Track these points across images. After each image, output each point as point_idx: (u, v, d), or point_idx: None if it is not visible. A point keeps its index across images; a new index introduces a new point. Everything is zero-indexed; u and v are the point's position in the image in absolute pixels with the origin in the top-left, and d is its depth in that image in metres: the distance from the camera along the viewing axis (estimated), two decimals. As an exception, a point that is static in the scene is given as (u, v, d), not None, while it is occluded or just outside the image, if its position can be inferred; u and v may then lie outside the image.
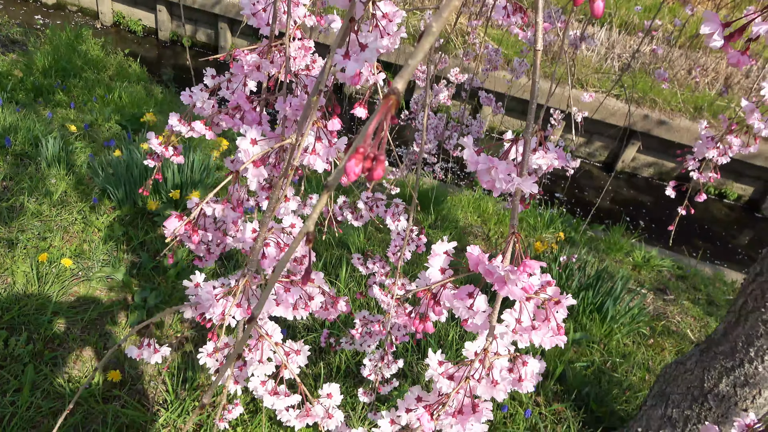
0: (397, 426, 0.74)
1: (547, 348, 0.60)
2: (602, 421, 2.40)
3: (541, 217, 4.53)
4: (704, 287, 4.22)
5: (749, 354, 1.87)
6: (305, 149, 0.73)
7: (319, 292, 0.84)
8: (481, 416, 0.61)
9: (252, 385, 0.83)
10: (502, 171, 0.55)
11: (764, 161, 6.10)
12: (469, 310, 0.58)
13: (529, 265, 0.54)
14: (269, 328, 0.83)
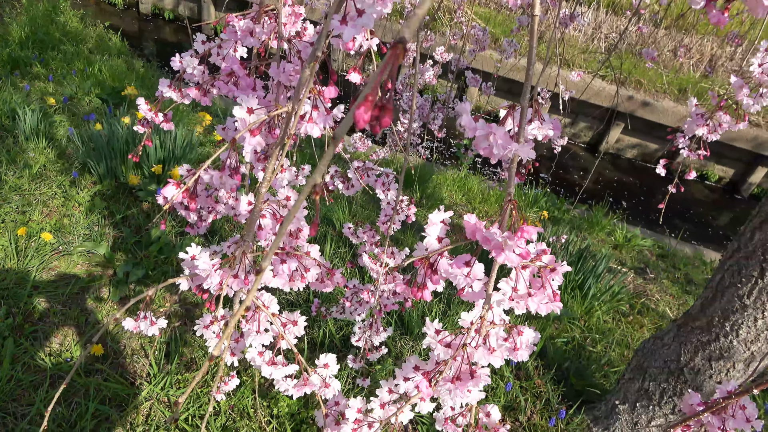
0: (395, 395, 0.75)
1: (543, 314, 0.60)
2: (581, 394, 2.45)
3: (525, 197, 4.56)
4: (684, 266, 4.29)
5: (725, 328, 1.91)
6: (302, 117, 0.72)
7: (314, 264, 0.85)
8: (479, 381, 0.61)
9: (249, 355, 0.83)
10: (500, 137, 0.54)
11: (745, 143, 6.17)
12: (466, 278, 0.59)
13: (526, 231, 0.54)
14: (266, 299, 0.83)
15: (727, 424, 0.67)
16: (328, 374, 0.86)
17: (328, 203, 3.36)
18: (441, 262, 0.59)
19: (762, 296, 1.82)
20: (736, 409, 0.67)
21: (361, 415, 0.75)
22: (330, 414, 0.83)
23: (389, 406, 0.73)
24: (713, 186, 6.89)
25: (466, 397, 0.63)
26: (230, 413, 1.96)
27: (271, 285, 0.78)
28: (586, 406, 2.36)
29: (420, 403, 0.71)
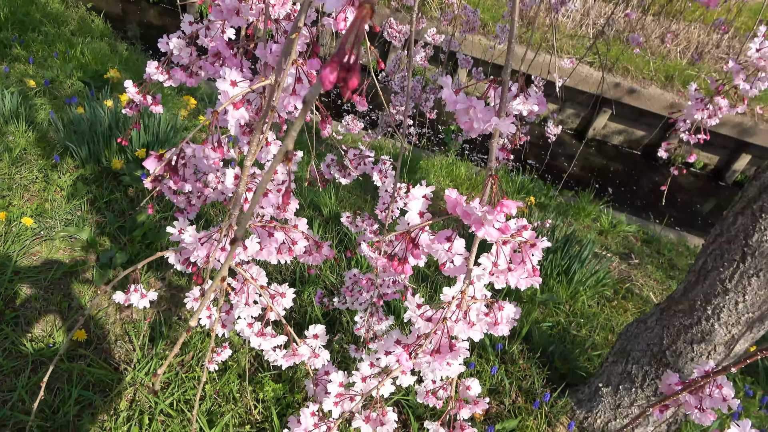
0: (377, 369, 0.75)
1: (523, 288, 0.60)
2: (566, 377, 2.48)
3: (512, 183, 4.57)
4: (668, 252, 4.34)
5: (706, 312, 1.93)
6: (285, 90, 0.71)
7: (302, 237, 0.84)
8: (458, 354, 0.61)
9: (239, 327, 0.84)
10: (480, 111, 0.54)
11: (729, 130, 6.23)
12: (447, 253, 0.58)
13: (506, 205, 0.53)
14: (254, 271, 0.83)
15: (703, 403, 0.67)
16: (318, 345, 0.86)
17: (318, 188, 3.34)
18: (422, 236, 0.59)
19: (743, 280, 1.84)
20: (713, 388, 0.68)
21: (343, 389, 0.75)
22: (320, 383, 0.84)
23: (370, 380, 0.74)
24: (698, 173, 6.96)
25: (446, 370, 0.64)
26: (216, 398, 1.96)
27: (259, 258, 0.78)
28: (570, 389, 2.39)
29: (401, 377, 0.71)
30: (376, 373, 0.75)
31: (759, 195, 1.83)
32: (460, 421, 0.78)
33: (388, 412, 0.76)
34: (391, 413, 0.76)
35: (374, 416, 0.75)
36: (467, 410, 0.77)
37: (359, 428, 0.75)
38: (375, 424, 0.75)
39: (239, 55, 0.77)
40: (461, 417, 0.77)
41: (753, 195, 1.86)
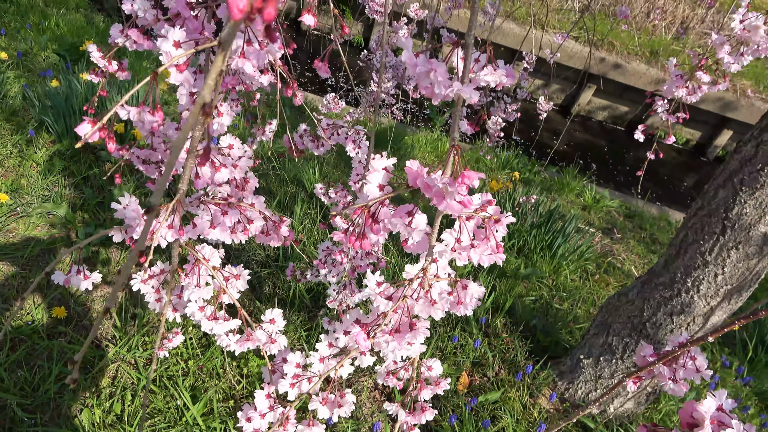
0: (336, 349, 0.74)
1: (486, 266, 0.59)
2: (548, 350, 2.51)
3: (497, 158, 4.56)
4: (649, 227, 4.38)
5: (686, 284, 1.96)
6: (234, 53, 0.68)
7: (258, 216, 0.81)
8: (417, 334, 0.60)
9: (189, 310, 0.80)
10: (441, 74, 0.52)
11: (711, 106, 6.26)
12: (407, 228, 0.57)
13: (467, 176, 0.52)
14: (206, 252, 0.80)
15: (677, 374, 0.68)
16: (275, 330, 0.84)
17: (297, 162, 3.30)
18: (382, 210, 0.57)
19: (723, 252, 1.86)
20: (687, 359, 0.68)
21: (300, 370, 0.74)
22: (277, 370, 0.82)
23: (329, 360, 0.72)
24: (680, 148, 7.01)
25: (407, 350, 0.62)
26: (199, 374, 1.95)
27: (210, 237, 0.75)
28: (552, 361, 2.42)
29: (360, 357, 0.70)
30: (336, 353, 0.73)
31: (740, 168, 1.85)
32: (421, 402, 0.77)
33: (346, 393, 0.74)
34: (349, 395, 0.75)
35: (332, 398, 0.74)
36: (429, 391, 0.76)
37: (315, 410, 0.74)
38: (333, 406, 0.74)
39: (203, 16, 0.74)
40: (422, 398, 0.76)
41: (734, 168, 1.87)
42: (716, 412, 0.53)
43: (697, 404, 0.53)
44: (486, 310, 2.58)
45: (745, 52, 1.34)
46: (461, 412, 2.07)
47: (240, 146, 0.80)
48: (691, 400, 0.54)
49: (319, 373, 0.72)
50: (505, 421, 2.09)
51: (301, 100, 0.99)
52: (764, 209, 1.79)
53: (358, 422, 1.98)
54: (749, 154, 1.83)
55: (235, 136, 0.81)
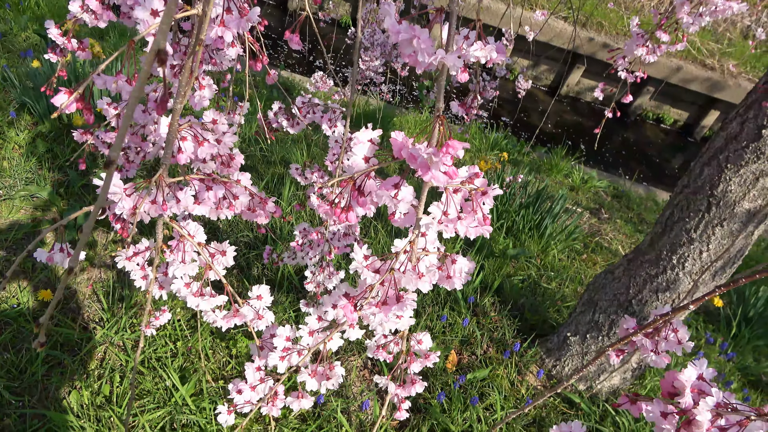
0: (325, 322, 0.74)
1: (472, 237, 0.59)
2: (536, 329, 2.54)
3: (486, 139, 4.56)
4: (637, 207, 4.42)
5: (672, 261, 1.98)
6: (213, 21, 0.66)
7: (244, 192, 0.80)
8: (404, 306, 0.60)
9: (175, 287, 0.79)
10: (424, 41, 0.51)
11: (699, 86, 6.28)
12: (392, 200, 0.56)
13: (452, 146, 0.51)
14: (191, 228, 0.79)
15: (659, 346, 0.68)
16: (262, 306, 0.84)
17: (269, 141, 3.28)
18: (368, 182, 0.56)
19: (708, 230, 1.88)
20: (669, 332, 0.69)
21: (290, 344, 0.74)
22: (265, 346, 0.82)
23: (318, 334, 0.73)
24: (668, 129, 7.04)
25: (396, 323, 0.62)
26: (188, 355, 1.95)
27: (195, 213, 0.74)
28: (540, 339, 2.45)
29: (349, 330, 0.70)
30: (325, 327, 0.73)
31: (725, 145, 1.86)
32: (411, 375, 0.77)
33: (335, 366, 0.75)
34: (338, 368, 0.75)
35: (321, 370, 0.74)
36: (418, 364, 0.76)
37: (304, 382, 0.74)
38: (321, 378, 0.74)
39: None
40: (412, 371, 0.76)
41: (720, 145, 1.88)
42: (697, 381, 0.54)
43: (678, 373, 0.53)
44: (474, 289, 2.60)
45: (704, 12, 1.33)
46: (450, 389, 2.09)
47: (224, 122, 0.78)
48: (672, 370, 0.54)
49: (309, 346, 0.72)
50: (493, 398, 2.11)
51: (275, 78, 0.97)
52: (749, 186, 1.80)
53: (348, 400, 1.99)
54: (734, 131, 1.84)
55: (218, 111, 0.80)
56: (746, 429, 0.48)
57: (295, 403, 0.78)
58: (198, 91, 0.75)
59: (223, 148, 0.78)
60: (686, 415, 0.50)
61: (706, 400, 0.49)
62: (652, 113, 6.97)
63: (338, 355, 2.13)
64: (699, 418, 0.48)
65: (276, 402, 0.78)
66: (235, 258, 2.39)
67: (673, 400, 0.53)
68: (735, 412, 0.48)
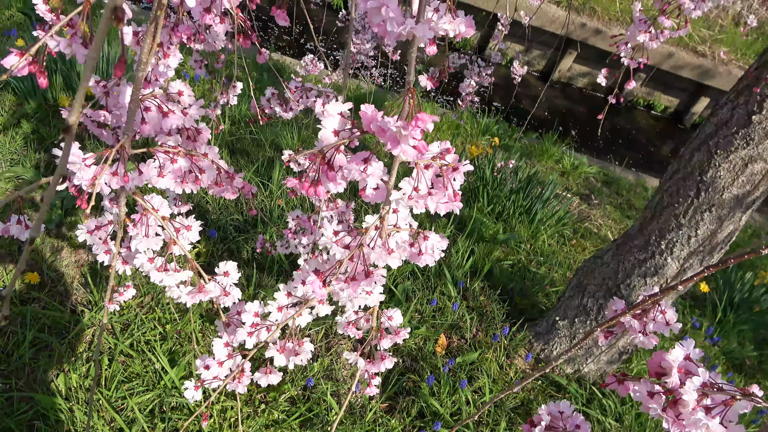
0: (294, 298, 0.74)
1: (442, 213, 0.58)
2: (525, 313, 2.55)
3: (478, 124, 4.55)
4: (626, 193, 4.44)
5: (660, 246, 1.99)
6: None
7: (211, 166, 0.78)
8: (373, 281, 0.60)
9: (138, 261, 0.78)
10: (393, 9, 0.49)
11: (690, 73, 6.29)
12: (361, 174, 0.55)
13: (421, 119, 0.50)
14: (156, 202, 0.77)
15: (647, 327, 0.69)
16: (229, 282, 0.83)
17: (275, 127, 3.25)
18: (338, 156, 0.55)
19: (696, 215, 1.89)
20: (657, 313, 0.69)
21: (258, 319, 0.74)
22: (232, 323, 0.81)
23: (287, 310, 0.72)
24: (659, 116, 7.06)
25: (365, 299, 0.62)
26: (177, 337, 1.94)
27: (159, 186, 0.72)
28: (529, 323, 2.47)
29: (318, 306, 0.70)
30: (295, 303, 0.73)
31: (715, 132, 1.86)
32: (381, 351, 0.78)
33: (304, 342, 0.75)
34: (307, 344, 0.75)
35: (290, 346, 0.74)
36: (388, 340, 0.77)
37: (272, 358, 0.75)
38: (289, 354, 0.74)
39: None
40: (382, 347, 0.77)
41: (710, 131, 1.88)
42: (684, 362, 0.54)
43: (665, 354, 0.54)
44: (464, 274, 2.61)
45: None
46: (439, 373, 2.11)
47: (190, 93, 0.76)
48: (660, 350, 0.55)
49: (277, 322, 0.72)
50: (481, 381, 2.13)
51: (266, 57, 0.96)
52: (737, 172, 1.81)
53: (338, 383, 2.00)
54: (725, 117, 1.84)
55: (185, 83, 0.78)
56: (731, 408, 0.48)
57: (263, 379, 0.79)
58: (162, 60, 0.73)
59: (189, 120, 0.76)
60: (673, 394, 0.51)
61: (693, 380, 0.49)
62: (643, 100, 6.98)
63: (327, 339, 2.13)
64: (685, 397, 0.49)
65: (242, 378, 0.78)
66: (224, 241, 2.38)
67: (660, 380, 0.53)
68: (721, 392, 0.48)
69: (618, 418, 2.21)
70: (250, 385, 1.89)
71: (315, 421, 1.86)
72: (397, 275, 2.43)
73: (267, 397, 1.89)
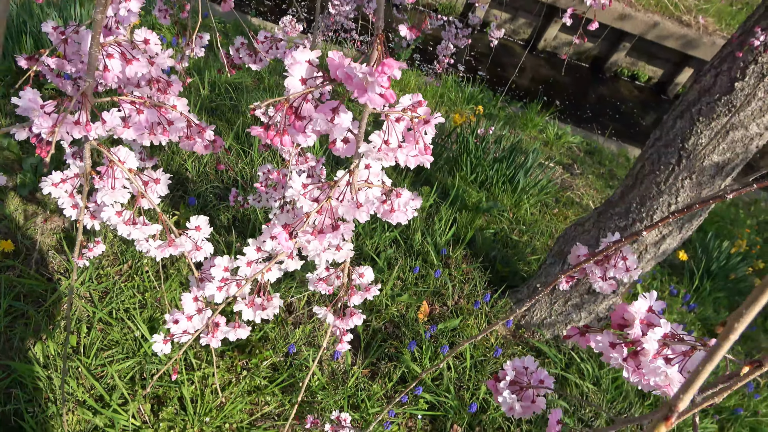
0: (264, 253, 0.73)
1: (412, 167, 0.57)
2: (506, 280, 2.58)
3: (462, 92, 4.51)
4: (609, 163, 4.46)
5: (641, 214, 2.00)
6: None
7: (180, 118, 0.76)
8: (339, 233, 0.59)
9: (106, 215, 0.77)
10: None
11: (674, 43, 6.27)
12: (328, 123, 0.54)
13: (387, 65, 0.49)
14: (122, 154, 0.75)
15: (607, 273, 0.70)
16: (200, 237, 0.82)
17: (255, 92, 3.19)
18: (305, 106, 0.54)
19: (677, 182, 1.90)
20: (618, 259, 0.70)
21: (228, 274, 0.73)
22: (205, 278, 0.81)
23: (256, 265, 0.72)
24: (642, 86, 7.06)
25: (334, 254, 0.62)
26: (156, 305, 1.93)
27: (124, 137, 0.70)
28: (510, 290, 2.49)
29: (287, 261, 0.70)
30: (265, 258, 0.73)
31: (698, 98, 1.86)
32: (351, 308, 0.78)
33: (273, 297, 0.75)
34: (276, 299, 0.75)
35: (258, 301, 0.74)
36: (359, 297, 0.77)
37: (240, 312, 0.74)
38: (257, 308, 0.74)
39: None
40: (352, 303, 0.77)
41: (692, 99, 1.88)
42: (646, 313, 0.54)
43: (628, 306, 0.54)
44: (447, 242, 2.61)
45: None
46: (421, 339, 2.12)
47: (157, 42, 0.73)
48: (623, 302, 0.55)
49: (247, 277, 0.72)
50: (462, 347, 2.16)
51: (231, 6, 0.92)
52: (719, 139, 1.82)
53: (320, 350, 2.01)
54: (708, 84, 1.84)
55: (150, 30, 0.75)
56: (690, 359, 0.48)
57: (231, 333, 0.78)
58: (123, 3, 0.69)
59: (156, 69, 0.73)
60: (634, 346, 0.51)
61: (654, 331, 0.49)
62: (627, 70, 6.96)
63: (310, 306, 2.14)
64: (646, 346, 0.49)
65: (216, 333, 0.78)
66: (204, 209, 2.36)
67: (623, 332, 0.54)
68: (681, 342, 0.49)
69: (596, 382, 2.25)
70: (231, 352, 1.90)
71: (297, 387, 1.87)
72: (380, 243, 2.43)
73: (249, 363, 1.89)
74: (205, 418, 1.71)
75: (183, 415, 1.70)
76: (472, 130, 3.35)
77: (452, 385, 2.04)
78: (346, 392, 1.91)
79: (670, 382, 0.50)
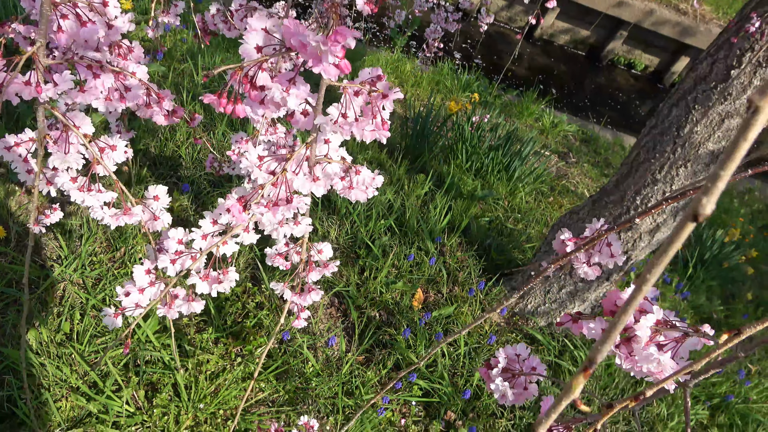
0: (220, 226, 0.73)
1: (368, 141, 0.57)
2: (501, 268, 2.58)
3: (458, 80, 4.49)
4: (604, 151, 4.46)
5: (635, 202, 2.00)
6: None
7: (138, 84, 0.74)
8: (292, 206, 0.59)
9: (60, 180, 0.75)
10: None
11: (671, 31, 6.25)
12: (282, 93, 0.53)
13: (340, 33, 0.48)
14: (78, 119, 0.73)
15: (592, 258, 0.70)
16: (159, 207, 0.81)
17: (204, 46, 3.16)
18: (261, 75, 0.53)
19: (672, 170, 1.90)
20: (603, 245, 0.70)
21: (183, 247, 0.73)
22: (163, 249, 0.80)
23: (212, 238, 0.71)
24: (639, 74, 7.05)
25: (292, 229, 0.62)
26: (151, 292, 1.92)
27: (79, 101, 0.69)
28: (505, 278, 2.50)
29: (243, 234, 0.69)
30: (221, 231, 0.72)
31: (694, 87, 1.85)
32: (309, 284, 0.78)
33: (229, 271, 0.74)
34: (232, 272, 0.75)
35: (214, 274, 0.73)
36: (317, 273, 0.76)
37: (194, 285, 0.74)
38: (213, 282, 0.73)
39: None
40: (311, 280, 0.77)
41: (688, 87, 1.88)
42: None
43: (621, 292, 0.54)
44: (442, 229, 2.61)
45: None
46: (415, 326, 2.13)
47: (116, 5, 0.71)
48: (615, 289, 0.55)
49: (201, 250, 0.71)
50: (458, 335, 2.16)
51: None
52: (714, 127, 1.81)
53: (314, 337, 2.01)
54: (704, 72, 1.83)
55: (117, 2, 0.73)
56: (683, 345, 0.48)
57: (184, 306, 0.78)
58: None
59: (114, 34, 0.71)
60: (627, 332, 0.51)
61: (647, 317, 0.49)
62: (623, 58, 6.94)
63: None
64: (639, 333, 0.49)
65: (173, 305, 0.78)
66: (198, 195, 2.34)
67: (616, 319, 0.53)
68: (674, 329, 0.48)
69: (588, 369, 2.27)
70: (225, 339, 1.90)
71: (291, 374, 1.88)
72: (375, 231, 2.43)
73: (243, 350, 1.90)
74: (199, 404, 1.71)
75: (177, 402, 1.71)
76: (467, 117, 3.34)
77: (446, 371, 2.05)
78: (340, 379, 1.91)
79: (662, 369, 0.50)
